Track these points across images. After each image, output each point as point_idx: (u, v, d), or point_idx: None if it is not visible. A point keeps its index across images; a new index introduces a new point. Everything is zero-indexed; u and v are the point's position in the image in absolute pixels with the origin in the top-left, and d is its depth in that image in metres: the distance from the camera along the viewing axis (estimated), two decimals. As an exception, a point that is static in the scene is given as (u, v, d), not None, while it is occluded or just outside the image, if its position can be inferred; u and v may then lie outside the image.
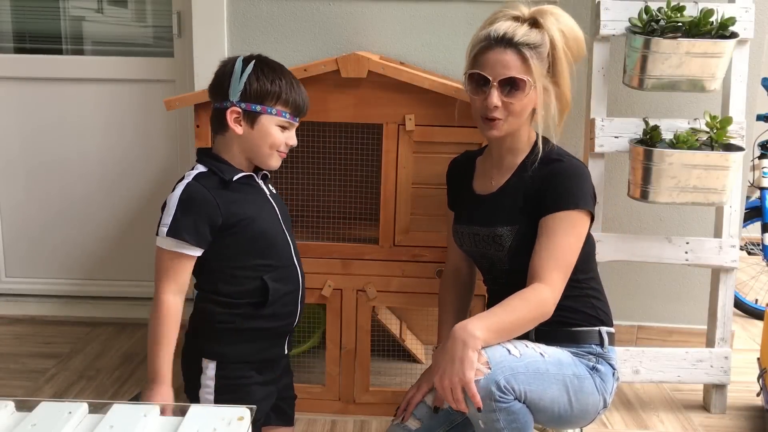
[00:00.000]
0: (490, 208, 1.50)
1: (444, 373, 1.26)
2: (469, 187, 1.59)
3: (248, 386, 1.49)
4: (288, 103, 1.46)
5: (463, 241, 1.57)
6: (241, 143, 1.46)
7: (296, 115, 1.49)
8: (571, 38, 1.44)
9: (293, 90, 1.47)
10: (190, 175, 1.43)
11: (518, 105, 1.43)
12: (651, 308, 2.40)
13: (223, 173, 1.43)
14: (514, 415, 1.28)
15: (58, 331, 2.51)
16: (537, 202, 1.42)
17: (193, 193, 1.40)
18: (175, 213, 1.38)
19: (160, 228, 1.39)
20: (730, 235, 1.99)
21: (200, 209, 1.39)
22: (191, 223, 1.38)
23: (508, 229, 1.45)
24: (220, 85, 1.46)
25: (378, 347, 2.05)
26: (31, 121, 2.58)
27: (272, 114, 1.44)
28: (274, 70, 1.47)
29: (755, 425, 1.98)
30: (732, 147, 1.86)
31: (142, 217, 2.62)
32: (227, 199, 1.42)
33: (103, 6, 2.62)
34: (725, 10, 1.85)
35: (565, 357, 1.40)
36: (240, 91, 1.43)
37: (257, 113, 1.44)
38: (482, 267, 1.59)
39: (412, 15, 2.21)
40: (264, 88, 1.43)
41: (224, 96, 1.44)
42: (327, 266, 1.87)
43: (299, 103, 1.48)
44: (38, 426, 0.93)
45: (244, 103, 1.43)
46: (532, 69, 1.41)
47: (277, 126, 1.46)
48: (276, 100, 1.44)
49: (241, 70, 1.43)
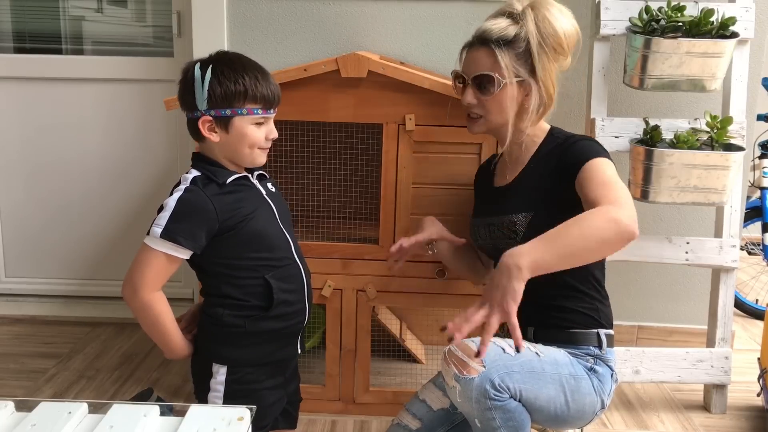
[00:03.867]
0: (506, 198, 1.51)
1: (490, 297, 1.22)
2: (490, 185, 1.62)
3: (259, 391, 1.48)
4: (256, 98, 1.40)
5: (479, 233, 1.58)
6: (221, 149, 1.43)
7: (269, 108, 1.43)
8: (548, 33, 1.41)
9: (259, 84, 1.40)
10: (186, 180, 1.42)
11: (492, 101, 1.44)
12: (651, 308, 2.40)
13: (216, 177, 1.42)
14: (510, 413, 1.28)
15: (58, 331, 2.51)
16: (556, 179, 1.42)
17: (191, 197, 1.38)
18: (172, 216, 1.37)
19: (153, 228, 1.37)
20: (730, 235, 1.99)
21: (197, 213, 1.38)
22: (187, 227, 1.37)
23: (523, 216, 1.45)
24: (186, 96, 1.42)
25: (378, 347, 2.05)
26: (30, 120, 2.58)
27: (243, 114, 1.40)
28: (234, 68, 1.39)
29: (755, 425, 1.98)
30: (732, 147, 1.85)
31: (142, 217, 2.62)
32: (224, 203, 1.41)
33: (103, 6, 2.62)
34: (725, 10, 1.85)
35: (561, 357, 1.39)
36: (205, 98, 1.38)
37: (228, 117, 1.40)
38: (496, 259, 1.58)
39: (412, 15, 2.21)
40: (228, 91, 1.38)
41: (192, 106, 1.41)
42: (327, 266, 1.87)
43: (268, 95, 1.42)
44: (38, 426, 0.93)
45: (213, 110, 1.39)
46: (501, 65, 1.41)
47: (252, 125, 1.41)
48: (243, 99, 1.39)
49: (201, 78, 1.38)
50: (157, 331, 1.43)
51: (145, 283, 1.38)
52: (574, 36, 1.45)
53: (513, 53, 1.42)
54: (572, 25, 1.45)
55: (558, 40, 1.43)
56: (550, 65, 1.44)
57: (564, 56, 1.46)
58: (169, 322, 1.44)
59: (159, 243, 1.37)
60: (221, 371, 1.45)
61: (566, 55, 1.46)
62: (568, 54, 1.46)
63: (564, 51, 1.45)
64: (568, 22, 1.45)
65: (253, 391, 1.47)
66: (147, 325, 1.43)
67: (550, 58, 1.43)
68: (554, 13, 1.43)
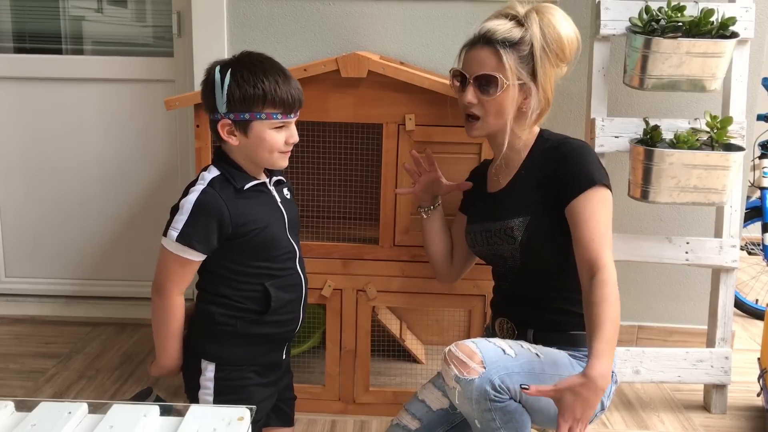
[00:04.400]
0: (501, 203, 1.51)
1: (574, 411, 1.19)
2: (483, 190, 1.61)
3: (248, 387, 1.48)
4: (276, 103, 1.37)
5: (476, 240, 1.57)
6: (241, 152, 1.43)
7: (289, 113, 1.41)
8: (552, 38, 1.42)
9: (279, 88, 1.37)
10: (204, 179, 1.41)
11: (493, 103, 1.43)
12: (651, 308, 2.40)
13: (235, 180, 1.41)
14: (510, 414, 1.28)
15: (58, 331, 2.51)
16: (553, 189, 1.42)
17: (208, 200, 1.38)
18: (188, 219, 1.37)
19: (170, 231, 1.38)
20: (730, 235, 1.99)
21: (213, 218, 1.38)
22: (202, 232, 1.37)
23: (520, 220, 1.44)
24: (207, 98, 1.41)
25: (378, 347, 2.05)
26: (30, 121, 2.58)
27: (262, 119, 1.38)
28: (255, 71, 1.37)
29: (755, 425, 1.98)
30: (732, 147, 1.85)
31: (142, 217, 2.62)
32: (239, 208, 1.40)
33: (103, 6, 2.62)
34: (725, 10, 1.85)
35: (561, 358, 1.39)
36: (225, 102, 1.37)
37: (247, 121, 1.38)
38: (496, 267, 1.58)
39: (412, 15, 2.21)
40: (247, 95, 1.36)
41: (213, 108, 1.40)
42: (327, 266, 1.87)
43: (288, 99, 1.39)
44: (38, 426, 0.93)
45: (232, 114, 1.37)
46: (506, 66, 1.41)
47: (271, 129, 1.39)
48: (263, 103, 1.37)
49: (221, 81, 1.37)
50: (164, 333, 1.44)
51: (167, 284, 1.41)
52: (575, 42, 1.46)
53: (517, 55, 1.41)
54: (574, 31, 1.46)
55: (561, 46, 1.43)
56: (551, 70, 1.44)
57: (565, 62, 1.46)
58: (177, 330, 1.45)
59: (175, 246, 1.38)
60: (209, 368, 1.46)
61: (567, 61, 1.47)
62: (569, 60, 1.47)
63: (566, 57, 1.45)
64: (571, 28, 1.46)
65: (242, 387, 1.48)
66: (157, 325, 1.44)
67: (552, 63, 1.44)
68: (559, 19, 1.44)
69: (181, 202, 1.39)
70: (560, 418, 1.20)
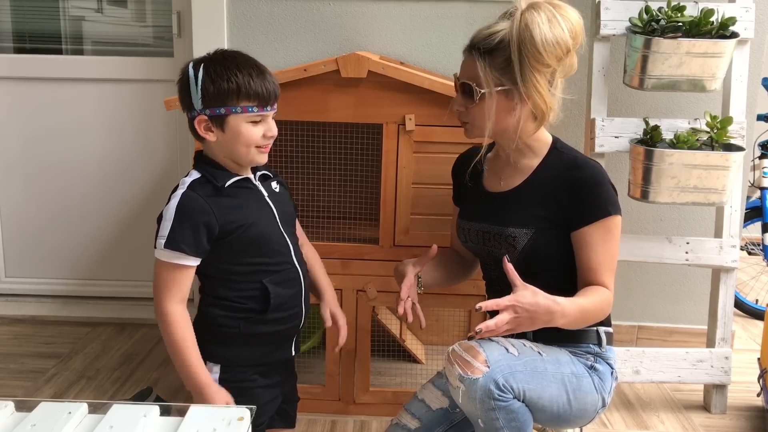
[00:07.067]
0: (503, 207, 1.46)
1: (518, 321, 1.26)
2: (479, 184, 1.55)
3: (252, 389, 1.47)
4: (250, 96, 1.36)
5: (469, 237, 1.53)
6: (219, 148, 1.41)
7: (265, 105, 1.39)
8: (527, 41, 1.30)
9: (253, 81, 1.36)
10: (184, 184, 1.40)
11: (475, 110, 1.39)
12: (651, 308, 2.40)
13: (216, 179, 1.40)
14: (513, 413, 1.28)
15: (58, 331, 2.51)
16: (563, 210, 1.39)
17: (189, 203, 1.37)
18: (173, 224, 1.35)
19: (158, 240, 1.37)
20: (730, 235, 1.99)
21: (197, 219, 1.37)
22: (189, 234, 1.36)
23: (524, 231, 1.41)
24: (183, 96, 1.41)
25: (378, 347, 2.05)
26: (30, 121, 2.58)
27: (238, 113, 1.36)
28: (227, 66, 1.36)
29: (755, 425, 1.98)
30: (732, 147, 1.85)
31: (142, 217, 2.62)
32: (223, 206, 1.39)
33: (103, 6, 2.62)
34: (725, 10, 1.85)
35: (563, 356, 1.39)
36: (200, 98, 1.37)
37: (223, 116, 1.37)
38: (486, 265, 1.55)
39: (412, 15, 2.21)
40: (221, 89, 1.35)
41: (189, 106, 1.40)
42: (327, 266, 1.85)
43: (263, 92, 1.37)
44: (38, 426, 0.93)
45: (208, 109, 1.37)
46: (479, 74, 1.36)
47: (247, 123, 1.38)
48: (237, 97, 1.35)
49: (194, 77, 1.36)
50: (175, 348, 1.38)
51: (166, 294, 1.37)
52: (554, 47, 1.31)
53: (494, 61, 1.35)
54: (558, 35, 1.31)
55: (536, 49, 1.30)
56: (536, 75, 1.33)
57: (549, 66, 1.34)
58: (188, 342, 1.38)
59: (166, 254, 1.37)
60: (215, 369, 1.45)
61: (550, 65, 1.34)
62: (550, 64, 1.33)
63: (544, 62, 1.32)
64: (556, 31, 1.31)
65: (247, 389, 1.47)
66: (166, 341, 1.39)
67: (533, 68, 1.32)
68: (541, 20, 1.31)
69: (164, 210, 1.38)
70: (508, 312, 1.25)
